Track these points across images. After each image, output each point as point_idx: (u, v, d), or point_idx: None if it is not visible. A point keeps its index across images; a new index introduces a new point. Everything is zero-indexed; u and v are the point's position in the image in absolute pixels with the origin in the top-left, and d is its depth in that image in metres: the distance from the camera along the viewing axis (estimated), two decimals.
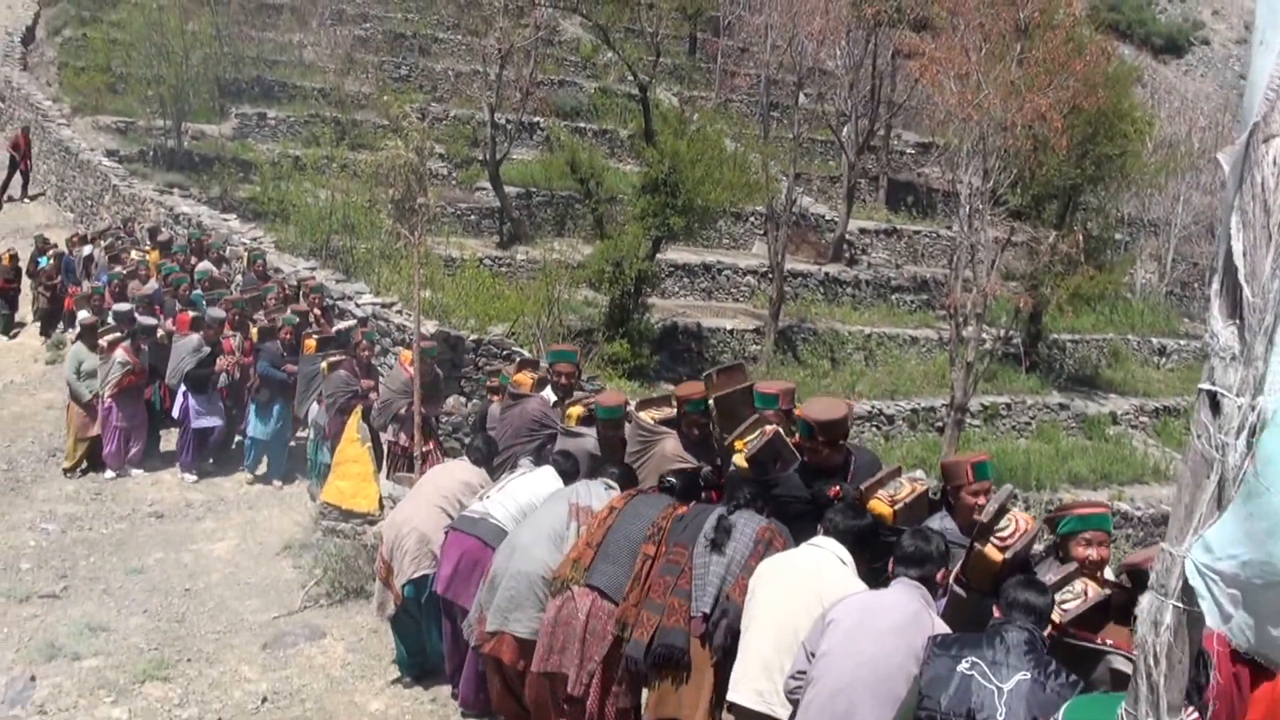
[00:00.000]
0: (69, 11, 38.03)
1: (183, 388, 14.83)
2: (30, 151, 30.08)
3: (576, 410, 8.95)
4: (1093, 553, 5.66)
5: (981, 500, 6.19)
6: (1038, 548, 6.08)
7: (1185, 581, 2.86)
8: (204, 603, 10.82)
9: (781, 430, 6.95)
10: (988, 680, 4.66)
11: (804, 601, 5.62)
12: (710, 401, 7.89)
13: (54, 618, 10.42)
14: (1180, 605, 2.90)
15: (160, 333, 15.56)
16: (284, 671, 9.24)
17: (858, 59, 33.89)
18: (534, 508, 7.56)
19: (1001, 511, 5.69)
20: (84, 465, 15.04)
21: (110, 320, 15.67)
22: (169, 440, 15.81)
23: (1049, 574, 5.63)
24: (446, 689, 8.42)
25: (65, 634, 9.86)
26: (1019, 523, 5.69)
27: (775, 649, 5.64)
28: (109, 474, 14.80)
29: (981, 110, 24.77)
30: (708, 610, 6.17)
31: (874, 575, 6.01)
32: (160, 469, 15.16)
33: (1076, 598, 5.33)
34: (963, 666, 4.72)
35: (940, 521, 6.34)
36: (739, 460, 6.94)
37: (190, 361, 14.68)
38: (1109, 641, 5.11)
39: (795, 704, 5.42)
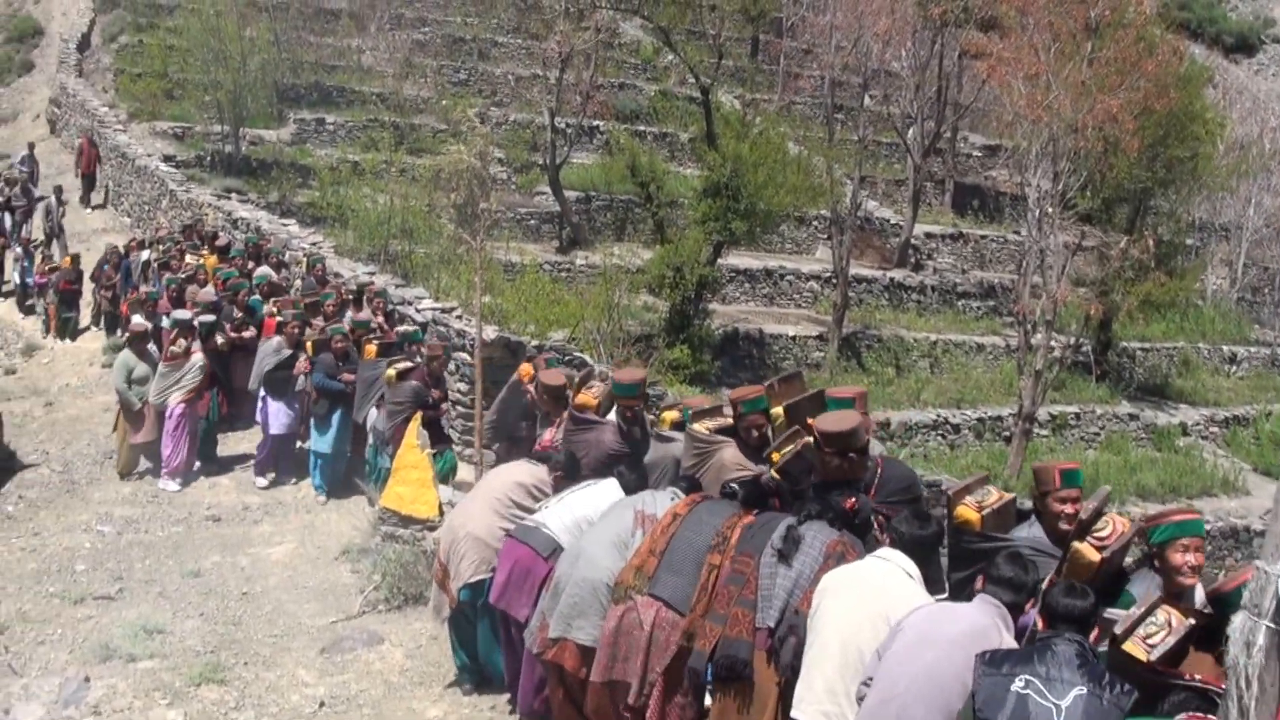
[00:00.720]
0: (125, 18, 38.56)
1: (262, 391, 14.77)
2: (97, 157, 30.27)
3: (671, 415, 8.89)
4: (1191, 558, 5.49)
5: (1069, 508, 6.13)
6: (1128, 560, 5.96)
7: None
8: (261, 606, 10.83)
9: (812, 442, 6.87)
10: (1044, 698, 4.58)
11: (870, 619, 5.51)
12: (780, 410, 7.80)
13: (109, 619, 10.46)
14: (1274, 626, 2.76)
15: (220, 339, 15.63)
16: (341, 677, 9.21)
17: (924, 60, 33.65)
18: (590, 520, 7.47)
19: (1099, 513, 5.63)
20: (137, 471, 15.05)
21: (165, 327, 15.75)
22: (225, 445, 15.89)
23: (1143, 586, 5.53)
24: (505, 697, 8.34)
25: (120, 636, 9.88)
26: (1116, 525, 5.64)
27: (839, 670, 5.51)
28: (174, 485, 14.62)
29: (1051, 112, 24.48)
30: (773, 624, 6.04)
31: (960, 586, 5.88)
32: (217, 473, 15.20)
33: (1161, 629, 5.12)
34: (1017, 685, 4.64)
35: (1028, 529, 6.23)
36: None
37: (271, 363, 14.61)
38: (1197, 677, 4.89)
39: None
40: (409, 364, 13.18)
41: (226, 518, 13.58)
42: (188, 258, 20.26)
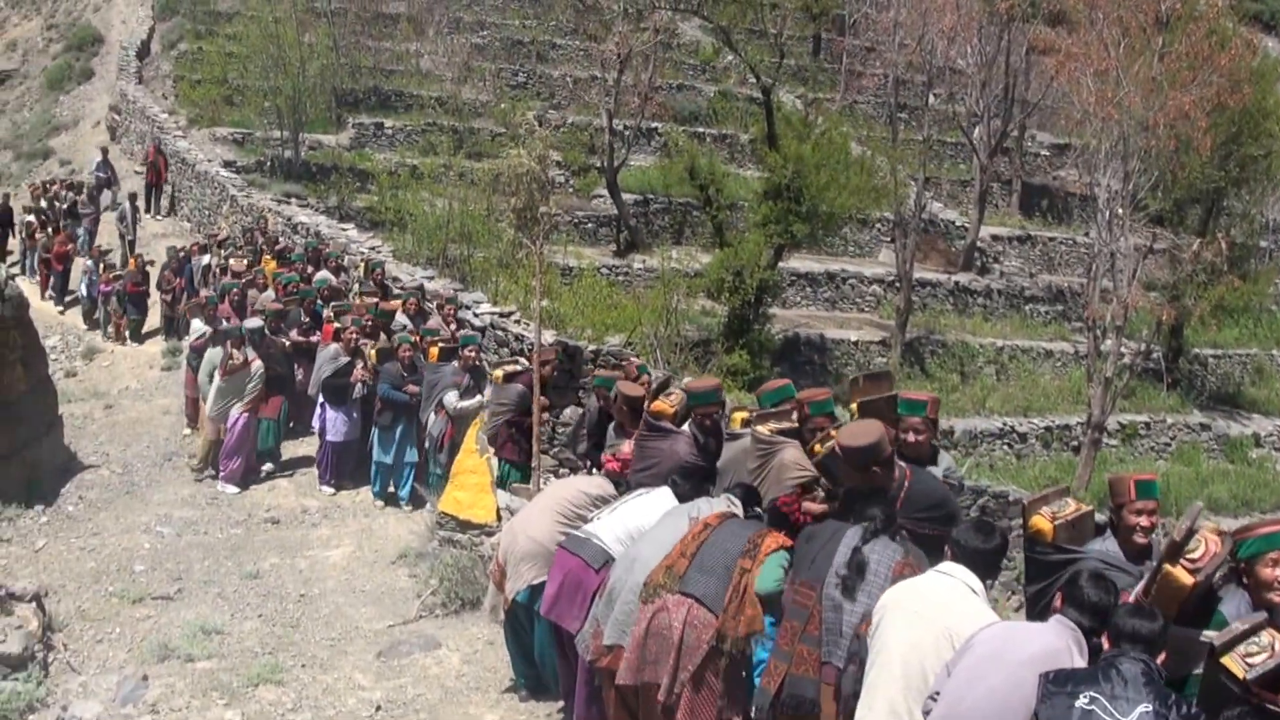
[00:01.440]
0: (184, 26, 39.15)
1: (320, 399, 14.73)
2: (165, 165, 30.34)
3: (740, 414, 8.90)
4: None
5: (1145, 521, 6.02)
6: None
7: None
8: (319, 609, 10.93)
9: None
10: (1109, 715, 4.52)
11: (933, 637, 5.42)
12: (855, 407, 7.79)
13: (167, 619, 10.61)
14: None
15: (286, 343, 15.75)
16: (398, 681, 9.28)
17: (990, 56, 33.40)
18: (643, 530, 7.46)
19: (1191, 532, 5.44)
20: (208, 471, 15.25)
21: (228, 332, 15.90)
22: (285, 448, 16.05)
23: (1234, 605, 5.40)
24: (559, 705, 8.34)
25: (179, 636, 10.02)
26: (1209, 544, 5.44)
27: (903, 690, 5.42)
28: (232, 489, 14.73)
29: (1121, 109, 24.22)
30: (842, 665, 5.95)
31: (1034, 601, 5.83)
32: (278, 476, 15.35)
33: (1263, 651, 4.90)
34: (1081, 702, 4.59)
35: (1102, 543, 6.12)
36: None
37: (328, 370, 14.57)
38: None
39: None
40: (517, 367, 12.87)
41: (285, 520, 13.71)
42: (241, 260, 20.47)
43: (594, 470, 9.50)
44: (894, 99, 34.06)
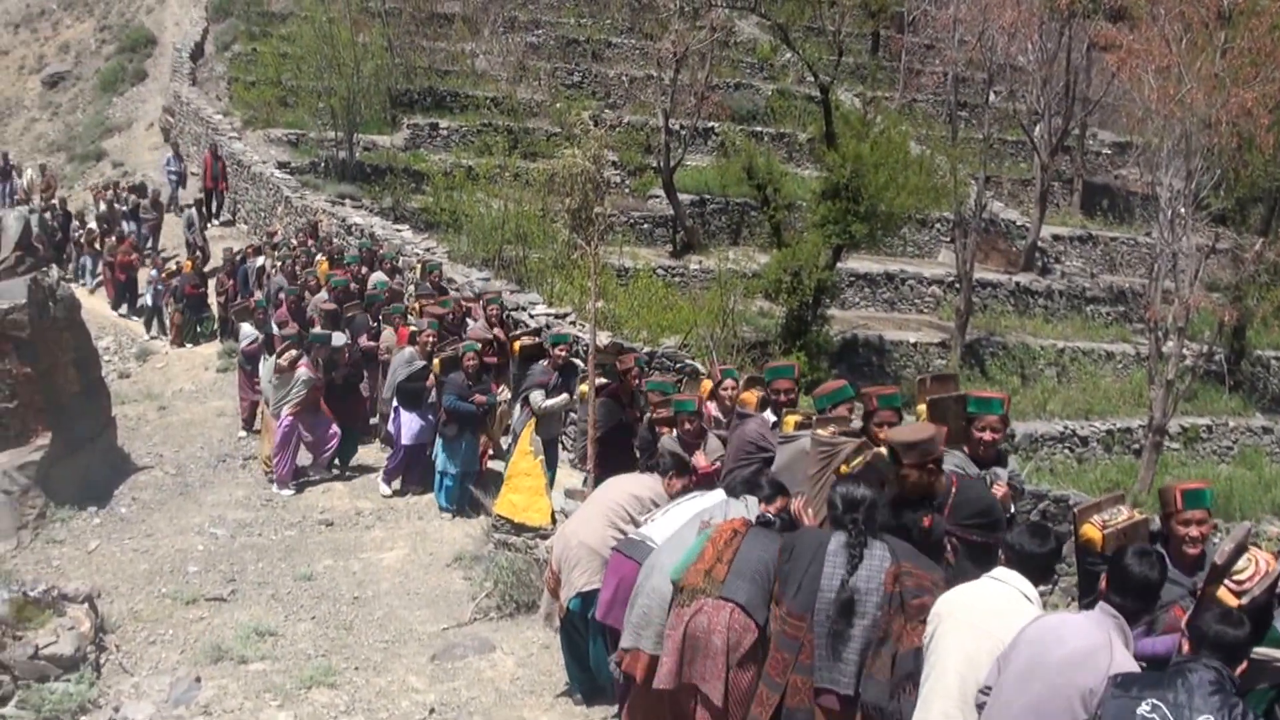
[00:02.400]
0: (238, 27, 39.44)
1: (394, 403, 14.56)
2: (223, 171, 30.15)
3: (794, 418, 8.81)
4: None
5: (1194, 531, 5.93)
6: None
7: None
8: (372, 611, 10.92)
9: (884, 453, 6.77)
10: None
11: (989, 652, 5.35)
12: (923, 407, 7.69)
13: (221, 620, 10.64)
14: None
15: (340, 344, 15.64)
16: (452, 684, 9.25)
17: (1051, 53, 33.05)
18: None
19: (1240, 551, 5.32)
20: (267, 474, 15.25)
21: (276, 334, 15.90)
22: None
23: None
24: (614, 709, 8.28)
25: (232, 637, 10.05)
26: (1259, 564, 5.33)
27: (959, 705, 5.37)
28: (286, 492, 14.74)
29: (1183, 106, 23.86)
30: (850, 692, 5.90)
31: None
32: (330, 480, 15.36)
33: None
34: (1143, 709, 4.57)
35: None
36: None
37: (403, 374, 14.36)
38: None
39: None
40: (605, 380, 12.43)
41: (339, 523, 13.72)
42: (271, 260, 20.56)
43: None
44: (954, 97, 33.62)
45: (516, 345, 14.04)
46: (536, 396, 12.93)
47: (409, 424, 14.36)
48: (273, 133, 32.71)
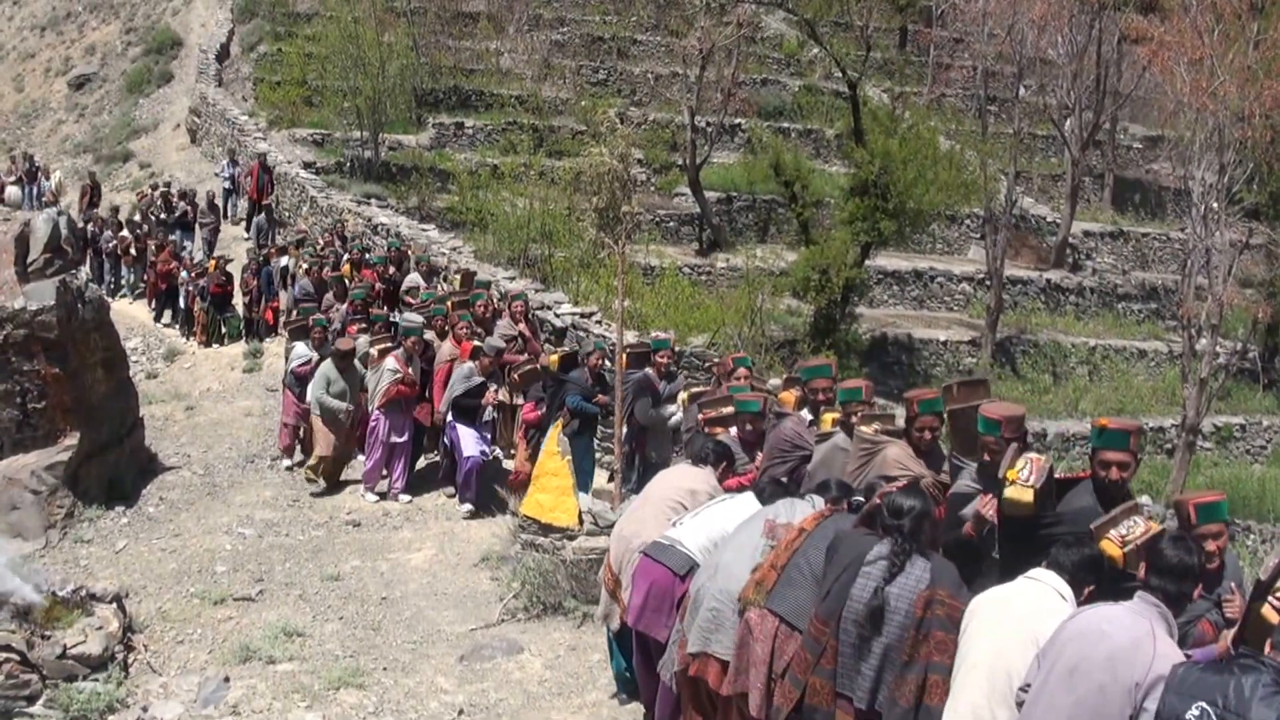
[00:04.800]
0: (263, 28, 39.72)
1: (450, 416, 14.04)
2: (270, 185, 28.76)
3: (832, 415, 8.81)
4: None
5: (1210, 545, 5.83)
6: None
7: None
8: (400, 612, 10.94)
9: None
10: None
11: (1020, 644, 5.32)
12: (944, 413, 7.70)
13: (249, 621, 10.69)
14: None
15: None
16: (480, 685, 9.25)
17: (1081, 46, 32.90)
18: (725, 536, 7.33)
19: None
20: (322, 484, 14.92)
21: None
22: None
23: None
24: (643, 712, 8.29)
25: (260, 637, 10.09)
26: None
27: (987, 695, 5.33)
28: (371, 497, 14.47)
29: (1216, 99, 23.70)
30: (864, 706, 5.83)
31: None
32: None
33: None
34: (1192, 713, 4.48)
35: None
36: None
37: (460, 389, 13.94)
38: None
39: None
40: (701, 388, 12.18)
41: (366, 523, 13.75)
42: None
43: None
44: (983, 91, 33.49)
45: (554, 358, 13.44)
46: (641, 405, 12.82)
47: (467, 437, 13.90)
48: (298, 133, 32.89)
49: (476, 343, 14.34)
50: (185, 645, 10.15)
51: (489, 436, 14.28)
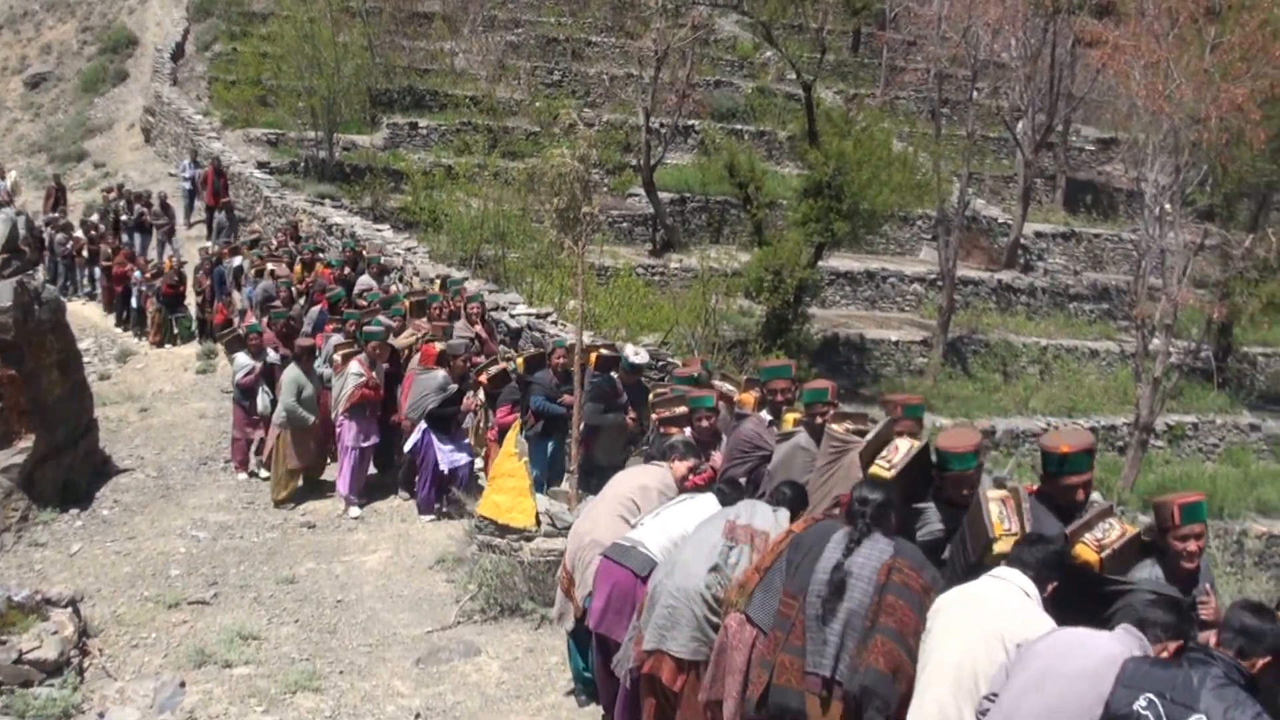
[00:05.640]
0: (219, 27, 39.52)
1: (423, 425, 13.63)
2: (225, 187, 28.15)
3: (794, 415, 8.86)
4: None
5: (1191, 546, 5.85)
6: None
7: None
8: (356, 615, 10.91)
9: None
10: (1159, 719, 4.49)
11: (984, 640, 5.36)
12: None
13: (204, 624, 10.62)
14: None
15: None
16: (437, 688, 9.24)
17: (1035, 49, 33.15)
18: (686, 537, 7.37)
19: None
20: (292, 504, 14.48)
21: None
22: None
23: None
24: (601, 713, 8.31)
25: (215, 641, 10.02)
26: None
27: (953, 692, 5.36)
28: (354, 512, 14.11)
29: (1172, 102, 23.97)
30: (828, 673, 5.88)
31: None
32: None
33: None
34: (1139, 704, 4.56)
35: (1150, 569, 5.95)
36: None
37: (434, 400, 13.48)
38: None
39: None
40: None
41: (321, 525, 13.70)
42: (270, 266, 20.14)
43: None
44: (937, 94, 33.73)
45: (593, 356, 13.01)
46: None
47: (443, 451, 13.64)
48: (252, 132, 32.73)
49: (440, 346, 14.07)
50: (140, 649, 10.08)
51: (469, 444, 14.11)
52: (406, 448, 13.87)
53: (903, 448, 6.77)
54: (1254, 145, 26.46)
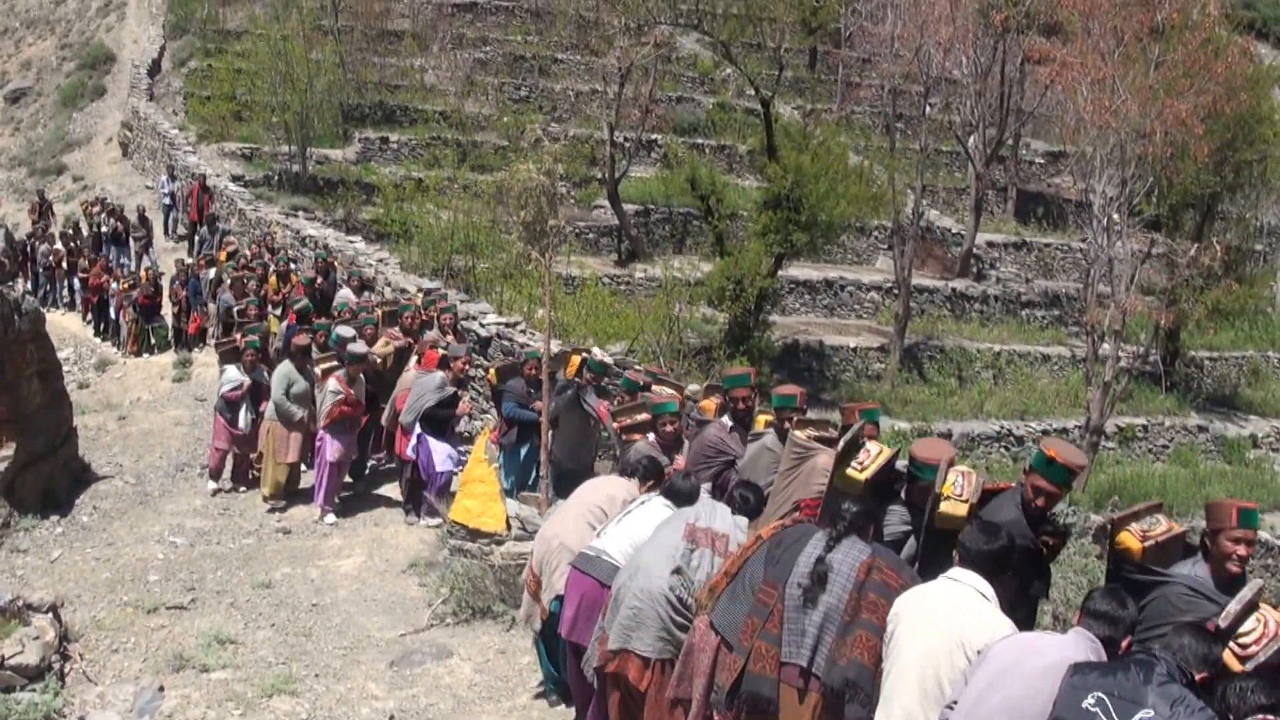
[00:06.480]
0: (194, 44, 39.36)
1: (418, 429, 13.41)
2: (210, 203, 27.52)
3: (765, 417, 8.93)
4: None
5: (1242, 550, 5.82)
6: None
7: None
8: (330, 618, 10.85)
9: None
10: (1107, 717, 4.47)
11: (946, 648, 5.34)
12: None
13: (182, 629, 10.54)
14: None
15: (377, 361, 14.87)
16: (411, 690, 9.21)
17: (985, 66, 33.35)
18: (647, 541, 7.37)
19: (1249, 610, 5.16)
20: (284, 502, 14.33)
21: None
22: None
23: None
24: (573, 714, 8.30)
25: (193, 645, 9.97)
26: (1269, 625, 5.12)
27: (920, 700, 5.35)
28: (331, 519, 13.94)
29: (1119, 117, 24.16)
30: (805, 663, 5.89)
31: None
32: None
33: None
34: (1088, 702, 4.54)
35: (1191, 567, 5.95)
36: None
37: (431, 400, 13.31)
38: None
39: None
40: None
41: (297, 530, 13.62)
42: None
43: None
44: (891, 109, 33.93)
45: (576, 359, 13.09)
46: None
47: (439, 452, 13.41)
48: (227, 146, 32.61)
49: (442, 350, 13.96)
50: (120, 654, 10.00)
51: (463, 447, 13.95)
52: (409, 453, 13.65)
53: (874, 453, 6.82)
54: (1198, 158, 26.78)
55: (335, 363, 14.29)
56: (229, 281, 20.17)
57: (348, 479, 14.94)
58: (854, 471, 6.72)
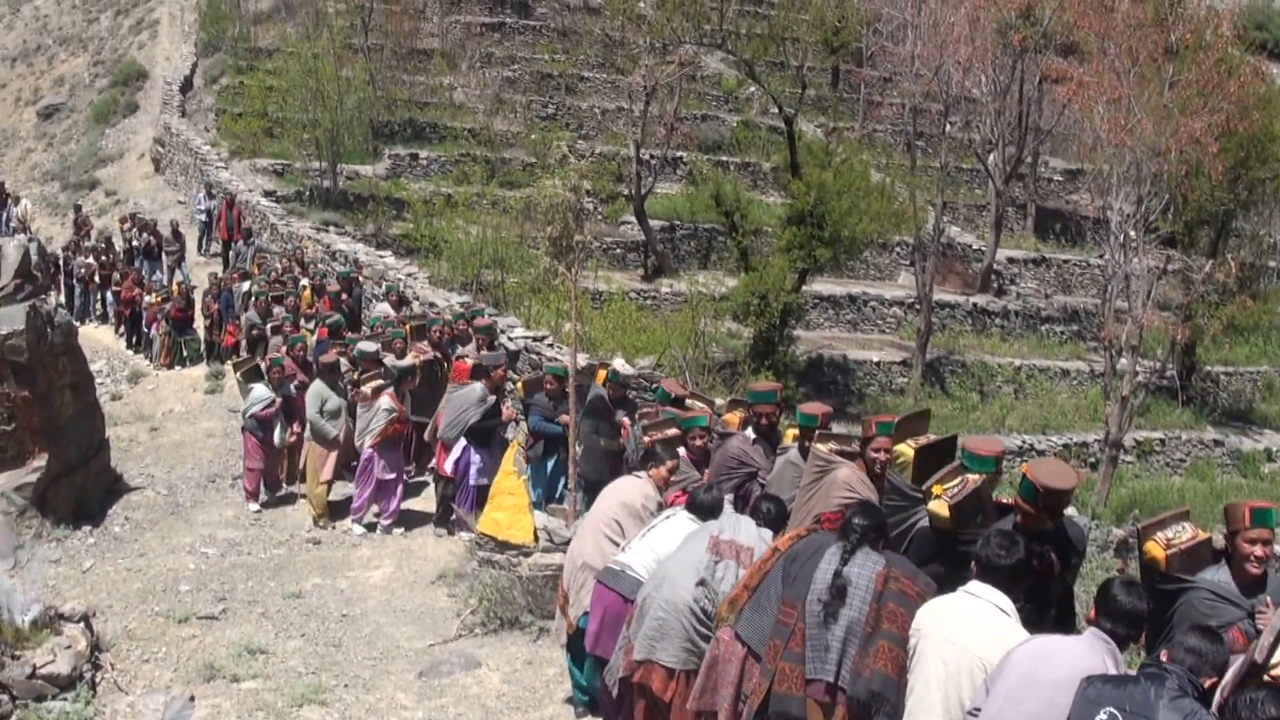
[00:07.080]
0: (226, 62, 39.45)
1: (463, 441, 13.19)
2: (239, 220, 27.20)
3: (793, 431, 8.91)
4: None
5: (1259, 550, 5.83)
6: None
7: None
8: (360, 629, 10.76)
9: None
10: None
11: (967, 666, 5.28)
12: (905, 447, 7.69)
13: (213, 639, 10.47)
14: None
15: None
16: (439, 700, 9.11)
17: (1004, 85, 33.16)
18: (671, 555, 7.29)
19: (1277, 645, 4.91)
20: (331, 521, 14.19)
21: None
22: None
23: None
24: None
25: (224, 655, 9.89)
26: None
27: None
28: (358, 529, 13.85)
29: (1134, 135, 24.01)
30: (831, 679, 5.82)
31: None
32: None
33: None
34: (1100, 717, 4.51)
35: (1214, 573, 5.89)
36: (938, 508, 6.61)
37: (475, 414, 13.07)
38: None
39: None
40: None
41: (326, 541, 13.56)
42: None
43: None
44: (912, 127, 33.80)
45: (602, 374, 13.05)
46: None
47: (479, 463, 13.15)
48: (259, 162, 32.66)
49: (474, 360, 13.81)
50: (151, 664, 9.92)
51: (498, 460, 13.29)
52: (447, 467, 13.43)
53: (966, 483, 6.64)
54: (1212, 176, 26.65)
55: (382, 380, 14.04)
56: (254, 298, 20.15)
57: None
58: (938, 506, 6.57)
